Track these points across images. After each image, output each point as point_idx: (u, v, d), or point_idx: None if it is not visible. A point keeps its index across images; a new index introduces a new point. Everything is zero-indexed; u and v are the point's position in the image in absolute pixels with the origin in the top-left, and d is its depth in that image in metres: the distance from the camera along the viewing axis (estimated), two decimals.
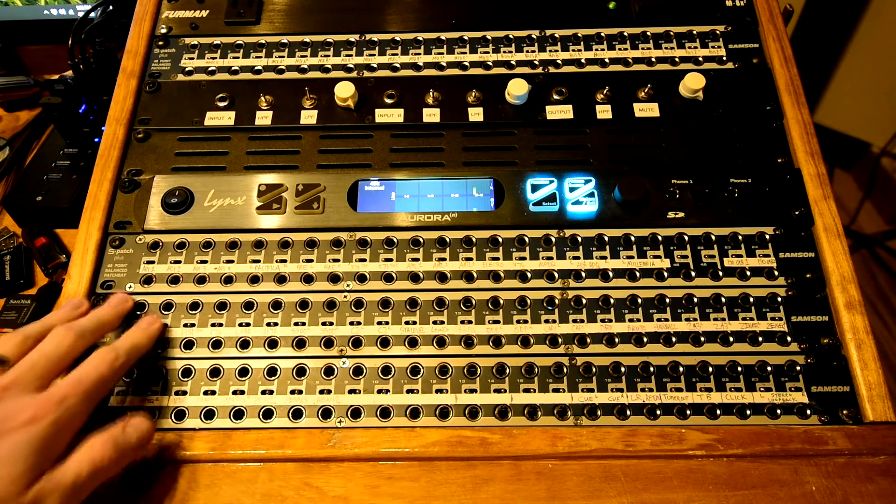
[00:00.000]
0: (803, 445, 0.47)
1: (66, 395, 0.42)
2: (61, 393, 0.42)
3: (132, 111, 0.63)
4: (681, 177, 0.58)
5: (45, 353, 0.45)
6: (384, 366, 0.52)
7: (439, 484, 0.47)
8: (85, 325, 0.48)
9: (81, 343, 0.47)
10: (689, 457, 0.48)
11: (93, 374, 0.44)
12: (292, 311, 0.54)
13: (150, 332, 0.51)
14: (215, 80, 0.65)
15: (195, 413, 0.50)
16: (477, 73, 0.65)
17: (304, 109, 0.63)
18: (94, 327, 0.49)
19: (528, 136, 0.61)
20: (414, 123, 0.62)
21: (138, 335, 0.50)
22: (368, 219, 0.57)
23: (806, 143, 0.59)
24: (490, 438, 0.48)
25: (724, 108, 0.62)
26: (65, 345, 0.46)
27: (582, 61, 0.65)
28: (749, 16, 0.67)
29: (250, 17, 0.68)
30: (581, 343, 0.52)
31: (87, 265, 0.55)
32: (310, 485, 0.47)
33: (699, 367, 0.51)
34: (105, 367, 0.45)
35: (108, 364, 0.46)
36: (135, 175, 0.60)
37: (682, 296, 0.54)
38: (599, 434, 0.48)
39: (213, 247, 0.57)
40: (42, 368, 0.44)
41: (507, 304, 0.54)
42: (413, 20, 0.68)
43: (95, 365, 0.45)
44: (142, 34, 0.67)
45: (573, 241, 0.56)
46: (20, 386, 0.42)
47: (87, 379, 0.44)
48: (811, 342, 0.52)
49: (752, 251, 0.55)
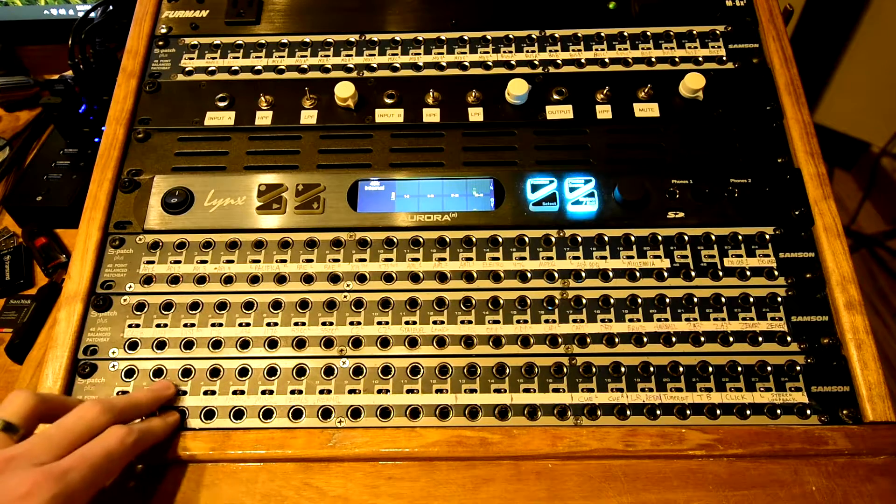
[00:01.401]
0: (803, 445, 0.47)
1: (69, 469, 0.39)
2: (64, 466, 0.39)
3: (132, 111, 0.63)
4: (681, 177, 0.58)
5: (65, 426, 0.42)
6: (384, 366, 0.52)
7: (439, 484, 0.47)
8: (115, 403, 0.45)
9: (106, 419, 0.44)
10: (689, 457, 0.48)
11: (99, 450, 0.41)
12: (292, 311, 0.54)
13: (169, 422, 0.48)
14: (215, 80, 0.65)
15: (195, 413, 0.50)
16: (477, 73, 0.65)
17: (304, 109, 0.63)
18: (125, 407, 0.46)
19: (528, 136, 0.61)
20: (414, 123, 0.62)
21: (158, 422, 0.48)
22: (368, 219, 0.57)
23: (806, 143, 0.59)
24: (490, 438, 0.48)
25: (724, 108, 0.62)
26: (87, 418, 0.43)
27: (582, 61, 0.65)
28: (749, 16, 0.67)
29: (250, 17, 0.68)
30: (581, 343, 0.52)
31: (87, 265, 0.55)
32: (310, 485, 0.47)
33: (699, 367, 0.51)
34: (114, 443, 0.42)
35: (117, 441, 0.42)
36: (135, 175, 0.60)
37: (682, 296, 0.54)
38: (599, 434, 0.48)
39: (213, 247, 0.57)
40: (58, 441, 0.41)
41: (507, 304, 0.54)
42: (413, 20, 0.68)
43: (104, 441, 0.42)
44: (142, 34, 0.67)
45: (573, 241, 0.56)
46: (29, 458, 0.39)
47: (93, 454, 0.41)
48: (811, 342, 0.52)
49: (752, 251, 0.55)
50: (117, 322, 0.54)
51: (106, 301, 0.54)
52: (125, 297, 0.55)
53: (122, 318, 0.54)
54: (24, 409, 0.43)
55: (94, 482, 0.40)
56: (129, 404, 0.46)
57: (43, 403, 0.44)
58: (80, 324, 0.53)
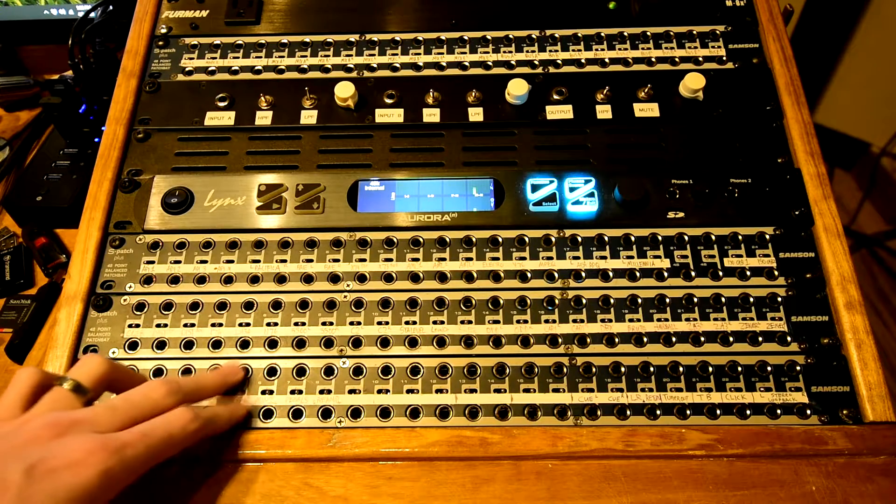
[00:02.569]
0: (803, 445, 0.47)
1: (127, 444, 0.38)
2: (123, 440, 0.38)
3: (132, 111, 0.63)
4: (681, 177, 0.58)
5: (130, 399, 0.42)
6: (384, 366, 0.52)
7: (439, 484, 0.47)
8: (182, 385, 0.44)
9: (172, 400, 0.43)
10: (689, 457, 0.48)
11: (161, 431, 0.40)
12: (292, 311, 0.54)
13: (234, 416, 0.48)
14: (215, 80, 0.65)
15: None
16: (477, 73, 0.65)
17: (304, 109, 0.63)
18: (191, 390, 0.45)
19: (528, 136, 0.61)
20: (414, 123, 0.62)
21: (223, 414, 0.46)
22: (368, 219, 0.57)
23: (806, 143, 0.59)
24: (490, 438, 0.48)
25: (724, 108, 0.62)
26: (153, 398, 0.42)
27: (582, 61, 0.65)
28: (749, 16, 0.67)
29: (250, 17, 0.68)
30: (581, 343, 0.52)
31: (87, 265, 0.55)
32: (310, 485, 0.47)
33: (699, 367, 0.51)
34: (177, 427, 0.41)
35: (181, 426, 0.41)
36: (135, 175, 0.60)
37: (682, 296, 0.54)
38: (599, 434, 0.48)
39: (213, 247, 0.57)
40: (122, 413, 0.40)
41: (507, 304, 0.54)
42: (413, 20, 0.68)
43: (168, 422, 0.41)
44: (142, 34, 0.67)
45: (573, 241, 0.56)
46: (91, 425, 0.38)
47: (154, 434, 0.40)
48: (811, 342, 0.52)
49: (752, 251, 0.55)
50: (117, 322, 0.54)
51: (106, 301, 0.54)
52: (125, 297, 0.55)
53: (122, 318, 0.54)
54: (97, 373, 0.42)
55: (146, 462, 0.39)
56: (196, 387, 0.46)
57: (114, 371, 0.43)
58: (80, 324, 0.53)
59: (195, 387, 0.46)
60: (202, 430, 0.43)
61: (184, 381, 0.45)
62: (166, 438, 0.40)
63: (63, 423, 0.38)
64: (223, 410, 0.47)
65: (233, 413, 0.48)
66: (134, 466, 0.38)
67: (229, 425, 0.48)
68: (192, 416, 0.42)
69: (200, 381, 0.47)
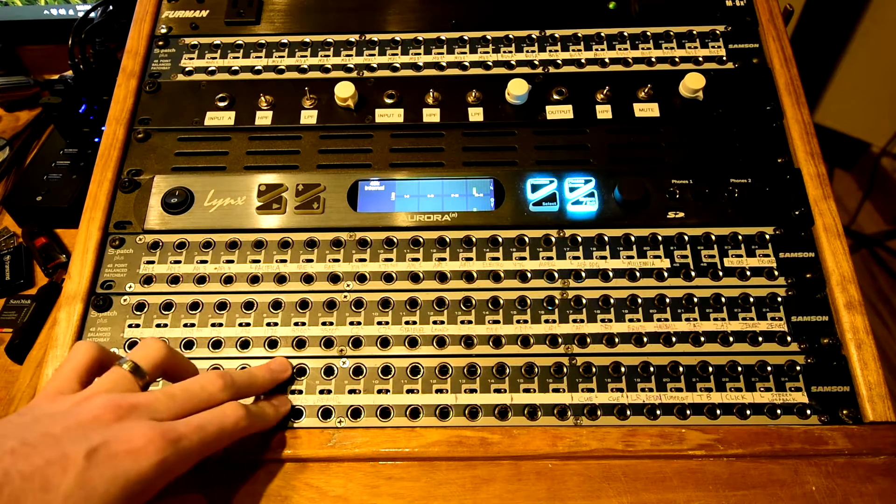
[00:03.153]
0: (803, 445, 0.47)
1: (184, 435, 0.38)
2: (181, 431, 0.38)
3: (132, 111, 0.63)
4: (681, 177, 0.58)
5: (189, 390, 0.42)
6: (384, 366, 0.52)
7: (439, 484, 0.47)
8: (235, 380, 0.44)
9: (225, 395, 0.43)
10: (689, 457, 0.48)
11: (215, 425, 0.40)
12: (292, 311, 0.54)
13: (280, 413, 0.48)
14: (215, 80, 0.65)
15: None
16: (477, 73, 0.65)
17: (304, 109, 0.63)
18: (244, 384, 0.45)
19: (528, 136, 0.61)
20: (414, 123, 0.62)
21: (271, 411, 0.47)
22: (368, 219, 0.57)
23: (806, 143, 0.59)
24: (490, 438, 0.48)
25: (724, 108, 0.62)
26: (209, 390, 0.42)
27: (582, 61, 0.65)
28: (749, 16, 0.67)
29: (250, 17, 0.68)
30: (581, 343, 0.52)
31: (87, 265, 0.55)
32: (310, 485, 0.47)
33: (699, 367, 0.51)
34: (230, 422, 0.41)
35: (233, 421, 0.41)
36: (135, 175, 0.60)
37: (682, 296, 0.54)
38: (599, 434, 0.48)
39: (213, 247, 0.57)
40: (180, 403, 0.40)
41: (507, 304, 0.54)
42: (413, 20, 0.68)
43: (221, 416, 0.41)
44: (142, 34, 0.67)
45: (573, 241, 0.56)
46: (150, 411, 0.38)
47: (209, 428, 0.40)
48: (811, 342, 0.52)
49: (752, 251, 0.55)
50: (117, 322, 0.54)
51: (106, 301, 0.54)
52: (125, 297, 0.55)
53: (122, 318, 0.54)
54: (156, 358, 0.43)
55: (198, 455, 0.39)
56: (248, 383, 0.46)
57: (172, 358, 0.44)
58: (80, 324, 0.53)
59: (248, 383, 0.46)
60: (250, 428, 0.44)
61: (237, 376, 0.45)
62: (219, 433, 0.41)
63: (124, 406, 0.38)
64: (270, 408, 0.47)
65: (278, 409, 0.48)
66: (187, 458, 0.38)
67: (276, 422, 0.48)
68: (245, 412, 0.43)
69: (252, 376, 0.47)
